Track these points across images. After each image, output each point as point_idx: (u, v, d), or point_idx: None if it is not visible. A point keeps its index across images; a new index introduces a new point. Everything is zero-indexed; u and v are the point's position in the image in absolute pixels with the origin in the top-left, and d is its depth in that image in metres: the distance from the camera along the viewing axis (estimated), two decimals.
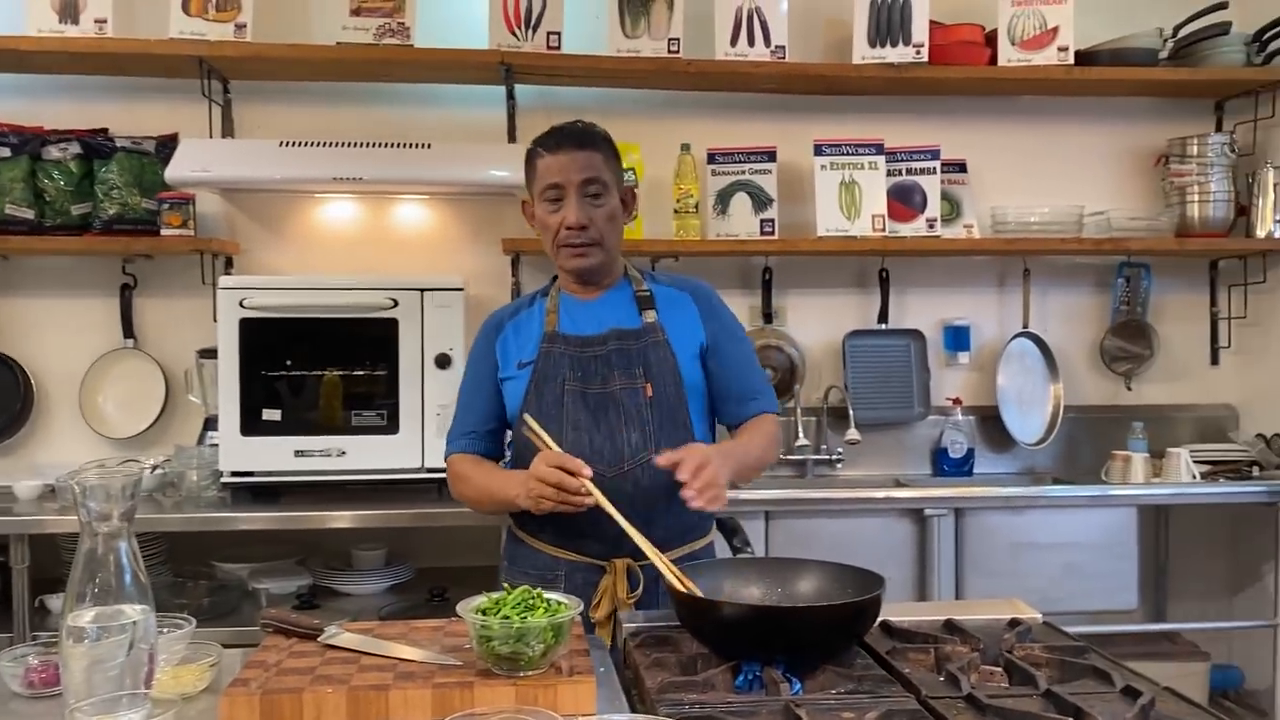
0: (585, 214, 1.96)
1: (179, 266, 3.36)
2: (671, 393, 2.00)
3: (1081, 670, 1.47)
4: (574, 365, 1.99)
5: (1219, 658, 3.64)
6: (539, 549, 2.04)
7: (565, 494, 1.77)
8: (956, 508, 3.15)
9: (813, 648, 1.49)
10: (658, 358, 2.00)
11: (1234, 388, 3.82)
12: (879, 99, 3.60)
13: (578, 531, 1.95)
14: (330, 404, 2.99)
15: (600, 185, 1.97)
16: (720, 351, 2.08)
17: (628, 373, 1.98)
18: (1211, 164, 3.55)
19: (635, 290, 2.08)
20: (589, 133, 2.02)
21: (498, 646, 1.35)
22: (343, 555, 3.22)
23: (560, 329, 2.04)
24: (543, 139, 2.01)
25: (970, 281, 3.73)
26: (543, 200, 1.99)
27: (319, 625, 1.54)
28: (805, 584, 1.71)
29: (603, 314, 2.05)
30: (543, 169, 1.98)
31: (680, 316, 2.07)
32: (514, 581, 2.05)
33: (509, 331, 2.10)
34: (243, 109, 3.41)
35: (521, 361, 2.04)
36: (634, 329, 2.02)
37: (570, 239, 1.97)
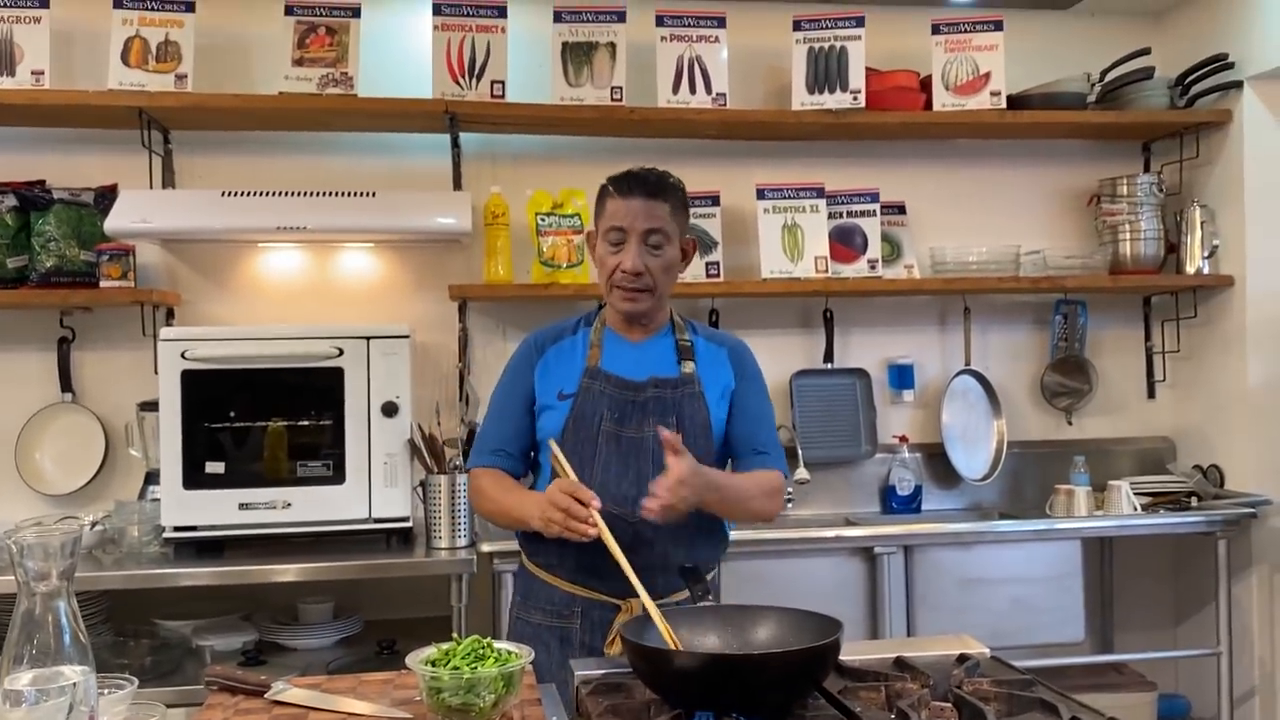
0: (642, 261, 2.01)
1: (119, 319, 3.31)
2: (701, 444, 2.04)
3: (1029, 703, 1.49)
4: (612, 406, 2.03)
5: (1166, 687, 3.70)
6: (554, 585, 2.06)
7: (571, 521, 1.81)
8: (905, 545, 3.18)
9: (769, 695, 1.47)
10: (691, 409, 2.06)
11: (1170, 420, 3.91)
12: (819, 144, 3.67)
13: (594, 570, 1.98)
14: (275, 455, 2.95)
15: (662, 236, 2.02)
16: (739, 403, 2.14)
17: (662, 420, 2.02)
18: (1141, 203, 3.66)
19: (677, 339, 2.14)
20: (662, 183, 2.05)
21: (448, 698, 1.33)
22: (289, 609, 3.16)
23: (603, 365, 2.08)
24: (617, 180, 2.06)
25: (912, 321, 3.79)
26: (604, 239, 2.04)
27: (265, 681, 1.51)
28: (763, 631, 1.70)
29: (645, 359, 2.10)
30: (610, 210, 2.03)
31: (716, 371, 2.14)
32: (528, 618, 2.08)
33: (550, 357, 2.13)
34: (184, 159, 3.39)
35: (563, 393, 2.07)
36: (672, 378, 2.07)
37: (624, 282, 2.03)
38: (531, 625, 2.07)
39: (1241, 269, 3.58)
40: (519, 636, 2.06)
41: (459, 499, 2.97)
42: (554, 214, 3.35)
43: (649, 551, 1.92)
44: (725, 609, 1.82)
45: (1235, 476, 3.60)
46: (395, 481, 2.97)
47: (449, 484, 2.97)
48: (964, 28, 3.53)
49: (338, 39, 3.24)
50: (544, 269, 3.34)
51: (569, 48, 3.34)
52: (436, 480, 2.98)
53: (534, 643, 2.02)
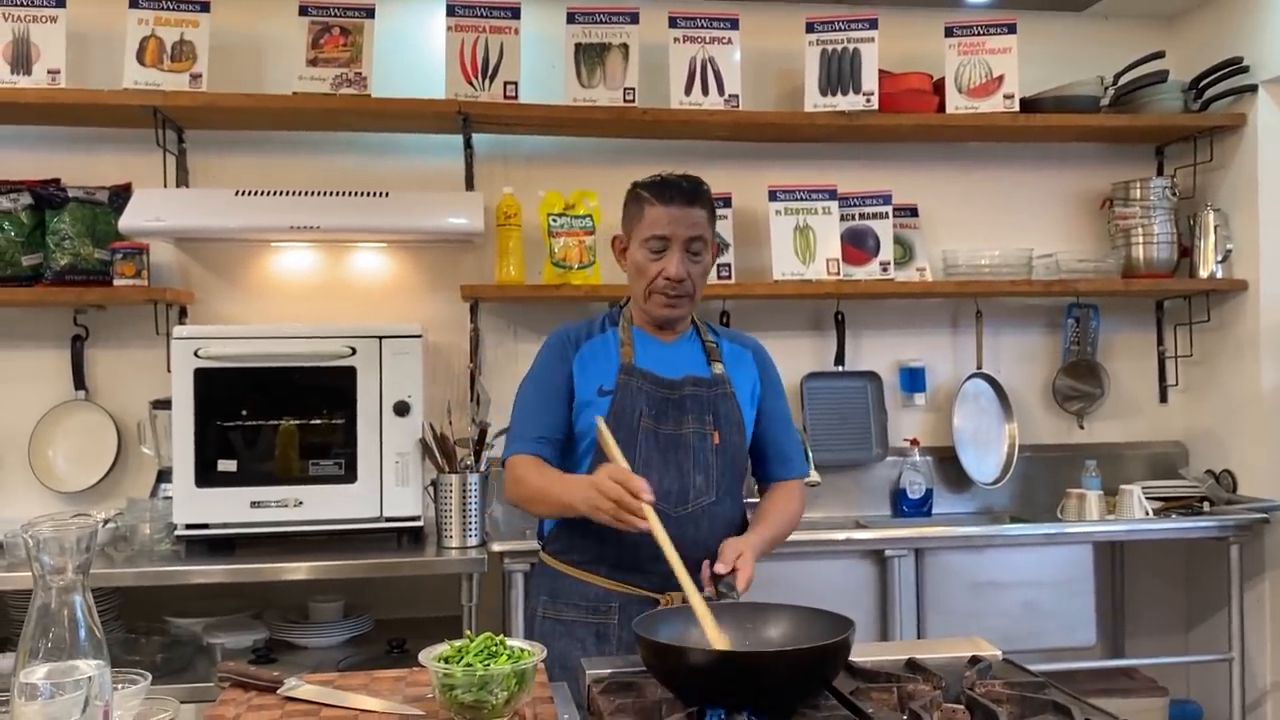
0: (686, 269, 2.04)
1: (132, 317, 3.32)
2: (736, 442, 2.10)
3: (1042, 705, 1.48)
4: (650, 403, 2.05)
5: (1177, 693, 3.68)
6: (590, 582, 2.07)
7: (623, 512, 1.80)
8: (916, 548, 3.17)
9: (781, 693, 1.48)
10: (726, 408, 2.10)
11: (1182, 425, 3.90)
12: (831, 146, 3.67)
13: (634, 565, 2.00)
14: (286, 454, 2.96)
15: (702, 243, 2.07)
16: (766, 410, 2.19)
17: (699, 419, 2.06)
18: (1154, 207, 3.65)
19: (704, 340, 2.18)
20: (698, 190, 2.09)
21: (460, 695, 1.33)
22: (300, 608, 3.17)
23: (637, 363, 2.09)
24: (655, 189, 2.07)
25: (924, 323, 3.79)
26: (644, 246, 2.06)
27: (278, 677, 1.51)
28: (775, 629, 1.72)
29: (678, 359, 2.13)
30: (651, 218, 2.04)
31: (742, 372, 2.18)
32: (559, 616, 2.08)
33: (586, 353, 2.14)
34: (198, 159, 3.40)
35: (603, 389, 2.08)
36: (706, 378, 2.11)
37: (667, 289, 2.06)
38: (564, 623, 2.07)
39: (1255, 273, 3.56)
40: (547, 635, 2.05)
41: (470, 498, 2.98)
42: (566, 215, 3.36)
43: (692, 546, 1.91)
44: (740, 607, 1.82)
45: (1248, 482, 3.59)
46: (407, 481, 2.97)
47: (460, 483, 2.97)
48: (977, 30, 3.53)
49: (352, 39, 3.25)
50: (556, 270, 3.35)
51: (582, 49, 3.35)
52: (448, 480, 2.98)
53: (568, 640, 2.04)
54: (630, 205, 2.12)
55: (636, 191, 2.11)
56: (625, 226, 2.14)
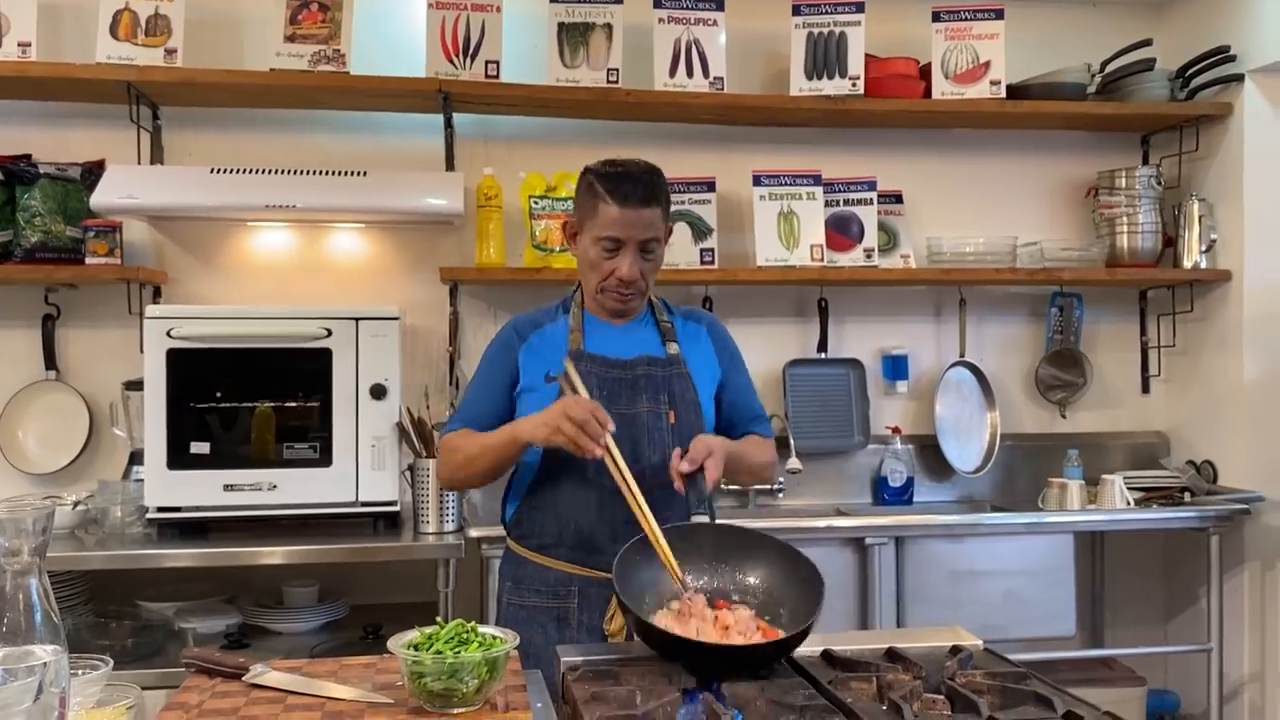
0: (639, 269, 2.01)
1: (104, 296, 3.26)
2: (693, 422, 2.05)
3: (1023, 696, 1.46)
4: (601, 385, 2.01)
5: (1155, 683, 3.68)
6: (549, 566, 2.04)
7: (584, 436, 1.77)
8: (897, 536, 3.16)
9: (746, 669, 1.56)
10: (681, 388, 2.06)
11: (1165, 415, 3.89)
12: (816, 131, 3.64)
13: (593, 546, 1.98)
14: (261, 437, 2.91)
15: (656, 242, 2.03)
16: (730, 384, 2.17)
17: (654, 398, 2.03)
18: (1139, 196, 3.63)
19: (658, 320, 2.14)
20: (655, 188, 2.01)
21: (430, 683, 1.30)
22: (274, 593, 3.13)
23: (586, 348, 2.06)
24: (611, 185, 1.98)
25: (907, 311, 3.76)
26: (596, 244, 2.00)
27: (244, 664, 1.47)
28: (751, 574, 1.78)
29: (631, 340, 2.09)
30: (605, 218, 1.98)
31: (698, 350, 2.15)
32: (521, 602, 2.05)
33: (534, 342, 2.10)
34: (173, 136, 3.34)
35: (550, 375, 2.04)
36: (661, 358, 2.08)
37: (619, 289, 2.03)
38: (526, 609, 2.04)
39: (1239, 264, 3.55)
40: (511, 622, 2.04)
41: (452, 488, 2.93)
42: (547, 197, 3.31)
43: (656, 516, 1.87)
44: (718, 537, 1.82)
45: (1228, 473, 3.58)
46: (383, 465, 2.94)
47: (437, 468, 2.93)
48: (965, 15, 3.50)
49: (330, 15, 3.19)
50: (537, 253, 3.31)
51: (565, 28, 3.30)
52: (425, 464, 2.95)
53: (529, 626, 2.01)
54: (583, 195, 2.04)
55: (590, 182, 2.02)
56: (577, 214, 2.07)
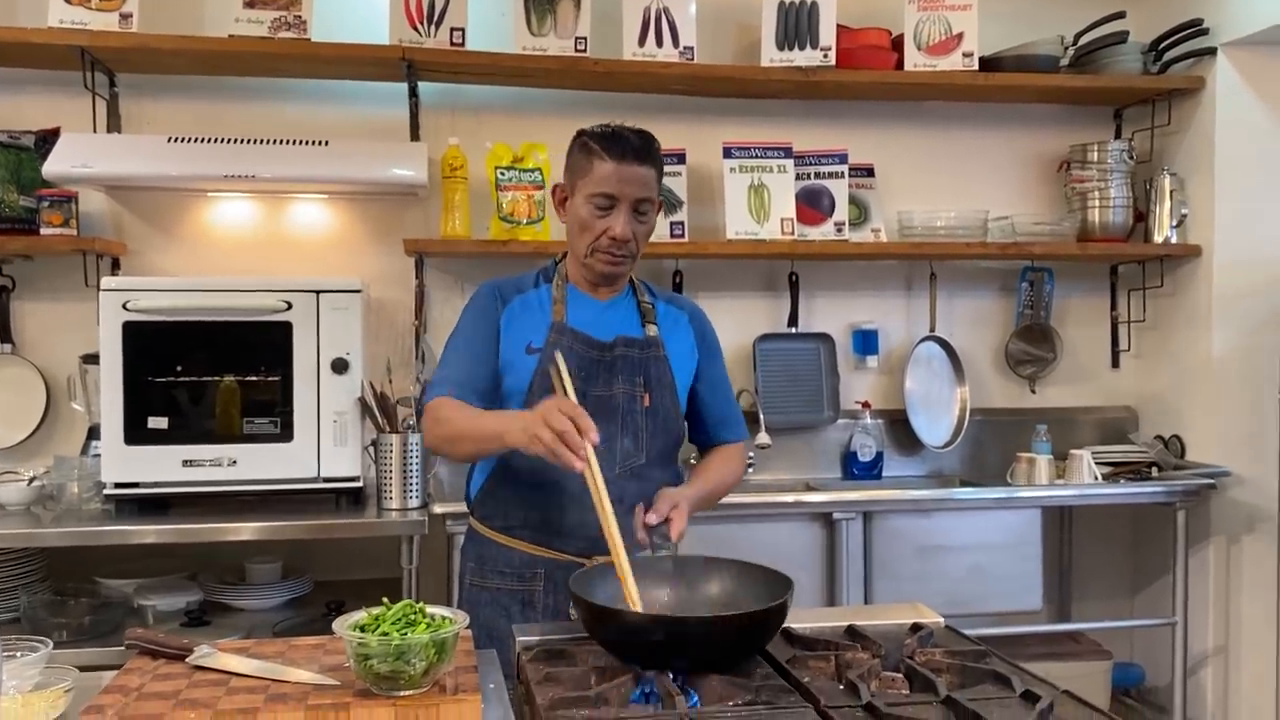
0: (631, 229, 1.96)
1: (61, 268, 3.19)
2: (668, 405, 2.02)
3: (982, 675, 1.45)
4: (580, 364, 1.96)
5: (1121, 656, 3.71)
6: (514, 548, 1.99)
7: (562, 446, 1.66)
8: (865, 511, 3.15)
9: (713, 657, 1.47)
10: (658, 371, 2.03)
11: (1134, 390, 3.89)
12: (788, 103, 3.60)
13: (559, 529, 1.94)
14: (221, 412, 2.86)
15: (650, 204, 1.98)
16: (705, 376, 2.13)
17: (630, 380, 1.99)
18: (1111, 170, 3.61)
19: (639, 300, 2.10)
20: (650, 148, 1.98)
21: (376, 665, 1.27)
22: (236, 569, 3.09)
23: (568, 322, 2.01)
24: (605, 142, 1.95)
25: (878, 286, 3.74)
26: (589, 202, 1.96)
27: (188, 645, 1.44)
28: (715, 585, 1.71)
29: (611, 319, 2.05)
30: (600, 173, 1.94)
31: (678, 336, 2.11)
32: (484, 584, 2.01)
33: (516, 307, 2.04)
34: (130, 104, 3.26)
35: (531, 346, 1.99)
36: (639, 339, 2.04)
37: (612, 249, 1.97)
38: (489, 591, 2.00)
39: (1209, 239, 3.55)
40: (475, 604, 2.00)
41: (411, 459, 2.90)
42: (514, 168, 3.26)
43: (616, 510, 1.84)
44: (681, 561, 1.78)
45: (1196, 447, 3.59)
46: (345, 440, 2.89)
47: (401, 444, 2.89)
48: None
49: None
50: (503, 225, 3.26)
51: None
52: (388, 440, 2.90)
53: (492, 608, 1.98)
54: (577, 155, 2.01)
55: (585, 141, 1.99)
56: (569, 177, 2.04)
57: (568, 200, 2.03)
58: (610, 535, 1.67)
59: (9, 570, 2.86)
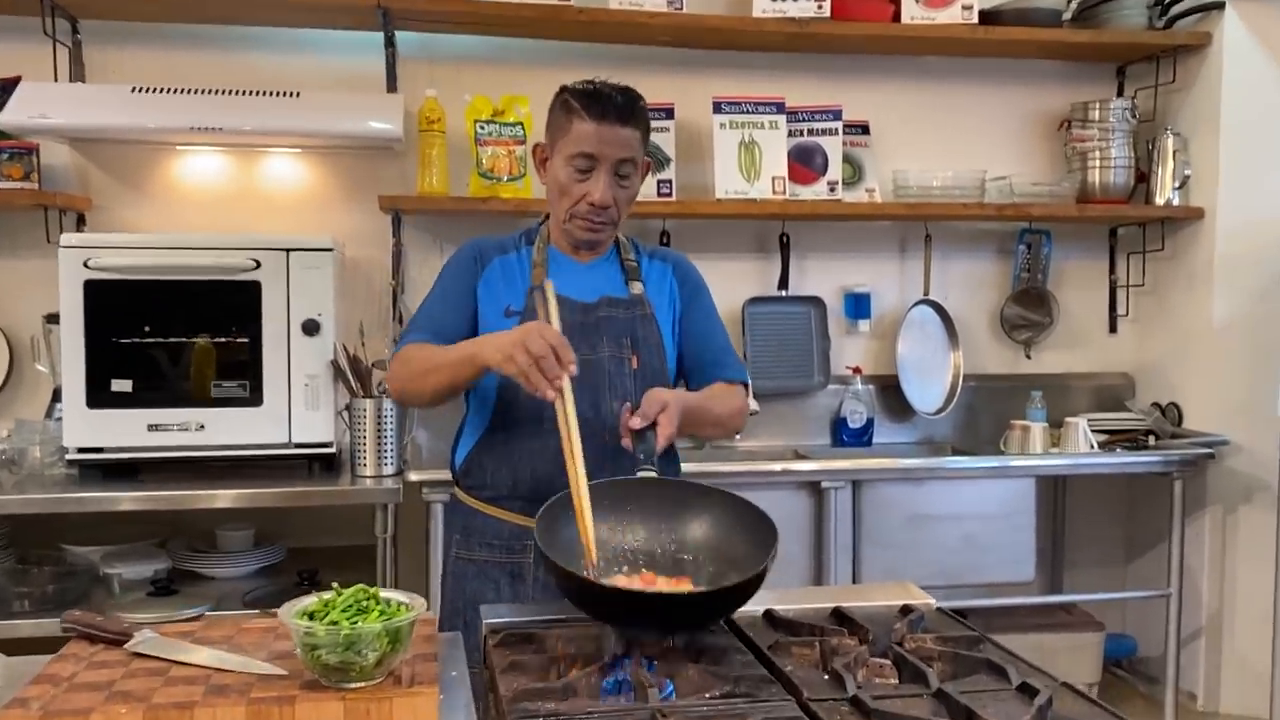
0: (612, 194, 1.85)
1: (24, 223, 3.07)
2: (656, 366, 1.93)
3: (975, 664, 1.36)
4: (564, 328, 1.82)
5: (1113, 626, 3.65)
6: (503, 519, 1.89)
7: (536, 372, 1.58)
8: (854, 480, 3.06)
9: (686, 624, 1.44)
10: (645, 331, 1.93)
11: (1131, 356, 3.80)
12: (780, 56, 3.47)
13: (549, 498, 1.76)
14: (187, 374, 2.75)
15: (632, 166, 1.87)
16: (691, 319, 2.02)
17: (616, 342, 1.89)
18: (1113, 129, 3.50)
19: (623, 259, 2.00)
20: (634, 107, 1.86)
21: (325, 655, 1.18)
22: (207, 536, 3.01)
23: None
24: (586, 100, 1.83)
25: (871, 247, 3.63)
26: (568, 164, 1.85)
27: (127, 630, 1.34)
28: (697, 527, 1.64)
29: (594, 280, 1.95)
30: (579, 133, 1.83)
31: (663, 289, 2.01)
32: (471, 555, 1.91)
33: (496, 268, 1.94)
34: (94, 52, 3.13)
35: (510, 309, 1.90)
36: (623, 299, 1.94)
37: (590, 215, 1.87)
38: (476, 563, 1.90)
39: (1213, 201, 3.44)
40: (461, 576, 1.92)
41: (386, 425, 2.81)
42: (494, 122, 3.13)
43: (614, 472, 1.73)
44: (663, 490, 1.67)
45: (1194, 415, 3.51)
46: (317, 405, 2.79)
47: (375, 408, 2.79)
48: None
49: None
50: (483, 181, 3.14)
51: None
52: (362, 404, 2.81)
53: (480, 581, 1.90)
54: (557, 113, 1.90)
55: (565, 99, 1.88)
56: (549, 136, 1.93)
57: (548, 160, 1.92)
58: (574, 477, 1.58)
59: None
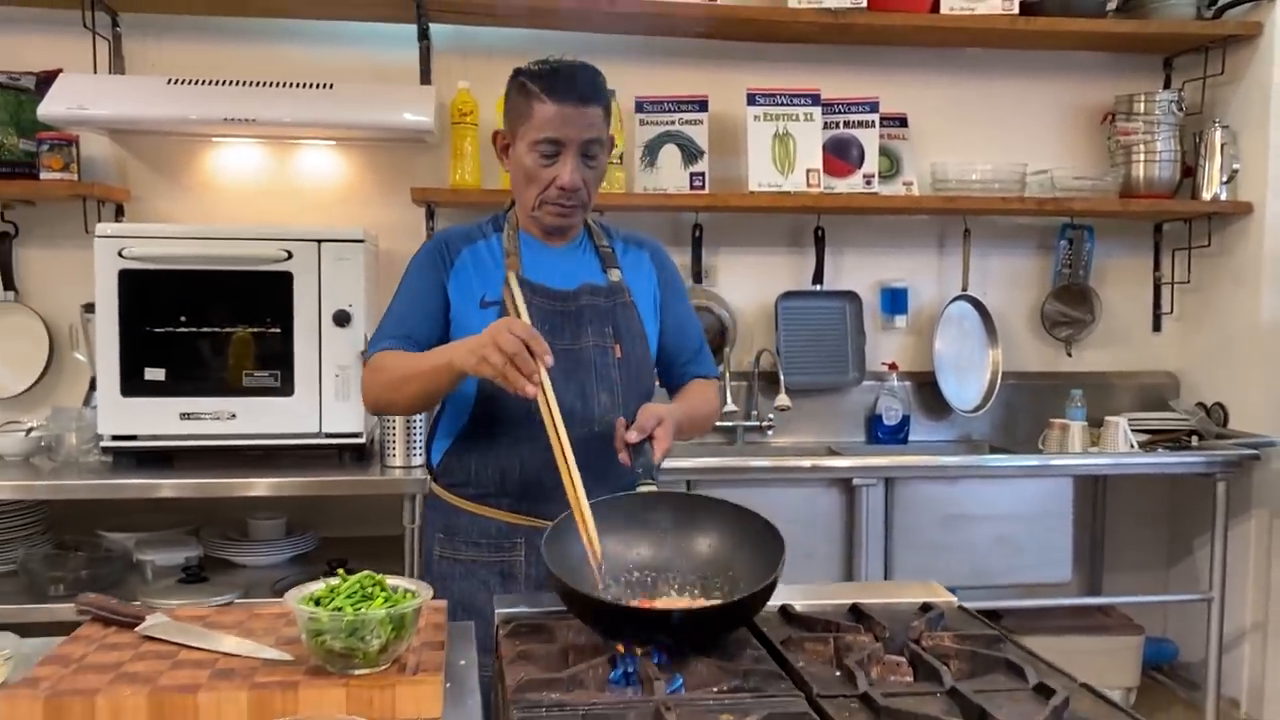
0: (580, 176, 1.82)
1: (63, 214, 3.12)
2: (640, 354, 1.92)
3: (993, 663, 1.33)
4: (543, 318, 1.82)
5: (1154, 630, 3.57)
6: (490, 517, 1.87)
7: (512, 370, 1.55)
8: (887, 477, 3.02)
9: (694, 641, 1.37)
10: (626, 318, 1.91)
11: (1175, 355, 3.72)
12: (816, 47, 3.43)
13: (539, 493, 1.81)
14: (219, 363, 2.78)
15: (599, 145, 1.84)
16: (668, 312, 2.00)
17: (599, 332, 1.86)
18: (1159, 123, 3.42)
19: (598, 245, 1.97)
20: (595, 85, 1.83)
21: (329, 641, 1.18)
22: (239, 524, 3.04)
23: (525, 275, 1.86)
24: (545, 81, 1.80)
25: (908, 242, 3.59)
26: (533, 150, 1.81)
27: (139, 613, 1.35)
28: (702, 541, 1.60)
29: (570, 267, 1.92)
30: (542, 117, 1.79)
31: (642, 277, 1.99)
32: (456, 555, 1.88)
33: (467, 260, 1.89)
34: (134, 45, 3.17)
35: (486, 299, 1.85)
36: (604, 286, 1.91)
37: (561, 200, 1.84)
38: (461, 562, 1.87)
39: (1262, 195, 3.36)
40: (447, 577, 1.87)
41: (415, 417, 2.81)
42: None
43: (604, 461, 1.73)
44: (668, 504, 1.64)
45: (1240, 416, 3.42)
46: (348, 395, 2.81)
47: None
48: None
49: None
50: None
51: None
52: None
53: (468, 580, 1.86)
54: (515, 98, 1.85)
55: (522, 82, 1.83)
56: (509, 123, 1.88)
57: (510, 147, 1.88)
58: (567, 469, 1.56)
59: (7, 522, 2.82)
